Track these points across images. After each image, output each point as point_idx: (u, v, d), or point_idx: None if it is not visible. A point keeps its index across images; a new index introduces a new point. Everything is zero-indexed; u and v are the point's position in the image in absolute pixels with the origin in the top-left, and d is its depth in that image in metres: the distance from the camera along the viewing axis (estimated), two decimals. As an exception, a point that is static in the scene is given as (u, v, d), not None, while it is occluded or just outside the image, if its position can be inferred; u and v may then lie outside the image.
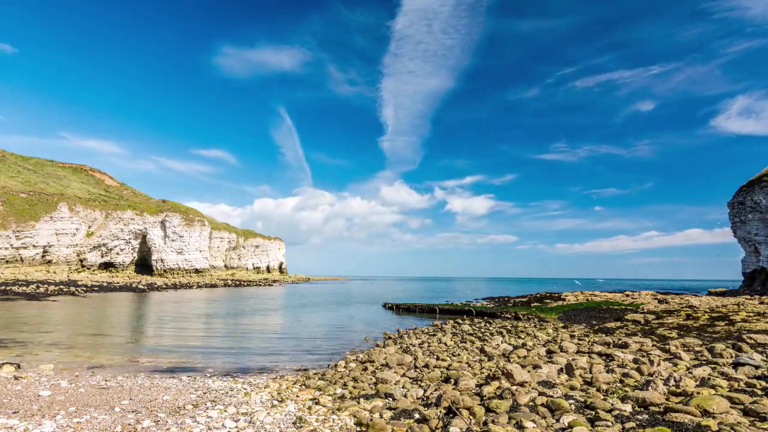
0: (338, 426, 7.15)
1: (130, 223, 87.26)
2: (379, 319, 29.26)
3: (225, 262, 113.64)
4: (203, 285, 74.03)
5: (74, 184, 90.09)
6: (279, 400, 8.86)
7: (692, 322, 21.14)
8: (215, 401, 8.72)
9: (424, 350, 15.14)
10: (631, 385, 9.14)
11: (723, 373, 9.73)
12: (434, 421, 6.95)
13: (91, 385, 10.00)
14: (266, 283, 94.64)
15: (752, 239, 59.58)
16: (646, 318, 23.72)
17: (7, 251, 63.58)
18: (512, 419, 6.87)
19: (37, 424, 6.89)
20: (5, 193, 67.95)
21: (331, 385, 10.09)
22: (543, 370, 10.47)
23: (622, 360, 11.62)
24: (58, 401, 8.41)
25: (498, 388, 8.79)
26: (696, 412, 6.79)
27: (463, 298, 51.01)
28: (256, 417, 7.51)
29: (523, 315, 28.80)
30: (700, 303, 32.72)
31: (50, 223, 70.23)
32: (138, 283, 68.54)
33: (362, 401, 8.52)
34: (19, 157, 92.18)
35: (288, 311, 35.49)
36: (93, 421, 7.19)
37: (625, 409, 7.28)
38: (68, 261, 73.67)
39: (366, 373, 11.60)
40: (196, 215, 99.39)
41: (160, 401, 8.64)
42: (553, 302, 39.13)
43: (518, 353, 13.63)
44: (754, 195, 58.65)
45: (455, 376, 10.26)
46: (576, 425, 6.40)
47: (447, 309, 33.93)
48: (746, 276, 61.75)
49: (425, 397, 8.73)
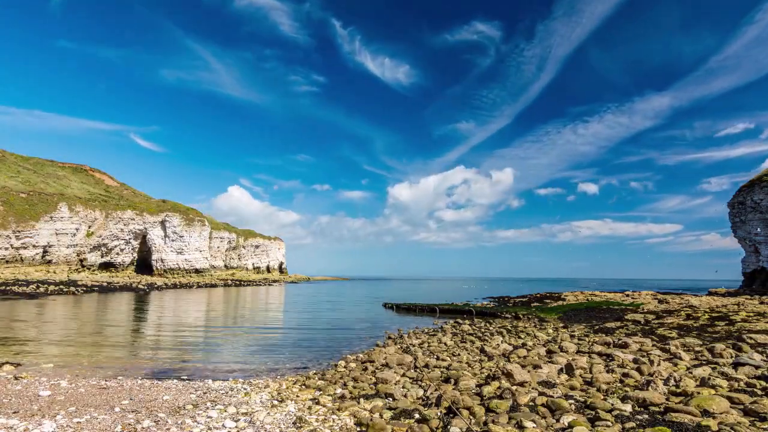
0: (338, 426, 7.15)
1: (130, 223, 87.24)
2: (379, 318, 29.24)
3: (225, 262, 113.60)
4: (203, 285, 74.03)
5: (74, 184, 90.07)
6: (279, 400, 8.86)
7: (692, 322, 21.14)
8: (215, 401, 8.72)
9: (424, 350, 15.14)
10: (631, 385, 9.13)
11: (723, 373, 9.73)
12: (434, 421, 6.95)
13: (91, 384, 9.99)
14: (266, 283, 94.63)
15: (752, 239, 59.57)
16: (646, 318, 23.72)
17: (7, 251, 63.57)
18: (512, 419, 6.86)
19: (37, 424, 6.88)
20: (5, 193, 67.95)
21: (331, 385, 10.08)
22: (543, 370, 10.47)
23: (622, 360, 11.61)
24: (58, 401, 8.40)
25: (498, 388, 8.78)
26: (696, 412, 6.79)
27: (464, 298, 51.01)
28: (256, 417, 7.51)
29: (523, 315, 28.79)
30: (700, 303, 32.71)
31: (50, 223, 70.22)
32: (138, 283, 68.53)
33: (362, 401, 8.52)
34: (19, 157, 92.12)
35: (288, 311, 35.49)
36: (93, 421, 7.19)
37: (625, 409, 7.27)
38: (68, 261, 73.64)
39: (366, 373, 11.60)
40: (196, 215, 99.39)
41: (160, 401, 8.64)
42: (553, 302, 39.13)
43: (518, 353, 13.63)
44: (754, 195, 58.65)
45: (455, 376, 10.25)
46: (576, 425, 6.40)
47: (447, 309, 33.92)
48: (746, 276, 61.75)
49: (425, 397, 8.72)
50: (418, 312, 34.29)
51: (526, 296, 52.27)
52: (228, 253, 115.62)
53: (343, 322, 27.42)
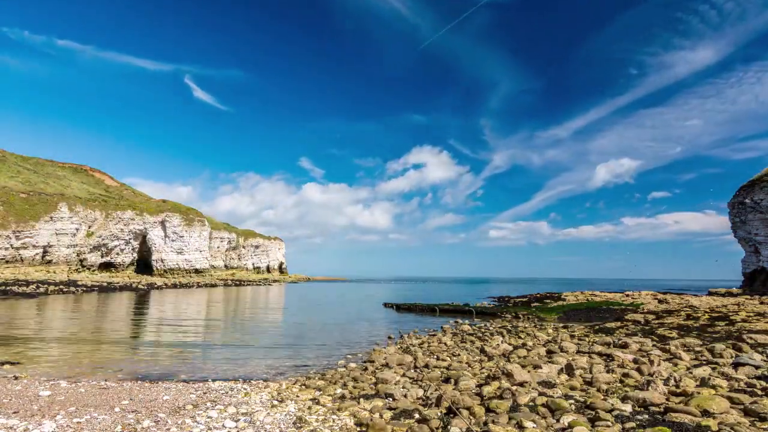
0: (338, 426, 7.15)
1: (130, 223, 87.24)
2: (379, 318, 29.24)
3: (225, 262, 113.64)
4: (203, 285, 74.02)
5: (74, 184, 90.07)
6: (279, 400, 8.86)
7: (692, 322, 21.13)
8: (215, 401, 8.72)
9: (424, 350, 15.14)
10: (631, 385, 9.13)
11: (723, 373, 9.73)
12: (434, 421, 6.94)
13: (91, 384, 9.99)
14: (266, 283, 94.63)
15: (752, 239, 59.57)
16: (646, 318, 23.71)
17: (7, 251, 63.57)
18: (512, 419, 6.86)
19: (37, 424, 6.88)
20: (5, 193, 67.95)
21: (331, 385, 10.08)
22: (543, 370, 10.47)
23: (622, 360, 11.61)
24: (58, 401, 8.40)
25: (498, 388, 8.78)
26: (696, 412, 6.78)
27: (465, 298, 50.98)
28: (256, 417, 7.51)
29: (523, 315, 28.80)
30: (700, 303, 32.72)
31: (50, 223, 70.22)
32: (138, 283, 68.52)
33: (362, 401, 8.51)
34: (19, 157, 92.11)
35: (288, 311, 35.49)
36: (93, 421, 7.19)
37: (625, 409, 7.27)
38: (68, 261, 73.64)
39: (366, 373, 11.60)
40: (196, 215, 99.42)
41: (160, 401, 8.64)
42: (553, 302, 39.14)
43: (518, 353, 13.63)
44: (754, 195, 58.64)
45: (455, 376, 10.25)
46: (576, 425, 6.40)
47: (447, 309, 33.94)
48: (746, 276, 61.75)
49: (425, 397, 8.72)
50: (418, 312, 34.30)
51: (526, 296, 52.26)
52: (228, 253, 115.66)
53: (343, 321, 27.42)
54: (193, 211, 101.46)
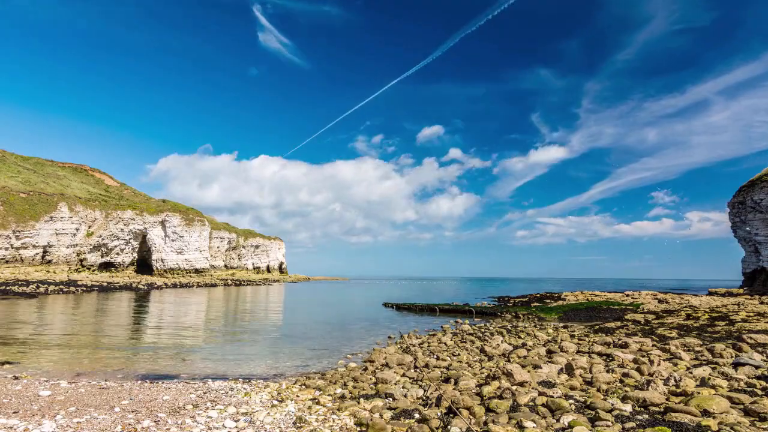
0: (338, 426, 7.15)
1: (130, 223, 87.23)
2: (379, 318, 29.23)
3: (225, 262, 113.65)
4: (203, 285, 74.01)
5: (74, 184, 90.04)
6: (279, 399, 8.86)
7: (692, 322, 21.13)
8: (215, 401, 8.72)
9: (424, 350, 15.13)
10: (631, 385, 9.13)
11: (723, 373, 9.73)
12: (434, 421, 6.94)
13: (91, 384, 9.99)
14: (266, 283, 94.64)
15: (752, 239, 59.58)
16: (646, 318, 23.71)
17: (7, 251, 63.56)
18: (512, 419, 6.86)
19: (37, 424, 6.88)
20: (5, 193, 67.92)
21: (331, 385, 10.08)
22: (543, 370, 10.46)
23: (622, 360, 11.61)
24: (58, 401, 8.40)
25: (498, 388, 8.78)
26: (696, 412, 6.78)
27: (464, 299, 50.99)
28: (256, 417, 7.51)
29: (523, 315, 28.80)
30: (700, 303, 32.72)
31: (50, 223, 70.20)
32: (138, 282, 68.52)
33: (362, 401, 8.51)
34: (19, 157, 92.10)
35: (288, 311, 35.48)
36: (93, 421, 7.19)
37: (625, 409, 7.27)
38: (68, 261, 73.63)
39: (366, 372, 11.59)
40: (196, 215, 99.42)
41: (160, 401, 8.64)
42: (553, 302, 39.14)
43: (518, 353, 13.63)
44: (754, 195, 58.65)
45: (455, 376, 10.25)
46: (576, 425, 6.40)
47: (447, 309, 33.94)
48: (746, 276, 61.77)
49: (425, 397, 8.72)
50: (418, 311, 34.30)
51: (526, 296, 52.27)
52: (228, 253, 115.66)
53: (343, 321, 27.42)
54: (193, 210, 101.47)
